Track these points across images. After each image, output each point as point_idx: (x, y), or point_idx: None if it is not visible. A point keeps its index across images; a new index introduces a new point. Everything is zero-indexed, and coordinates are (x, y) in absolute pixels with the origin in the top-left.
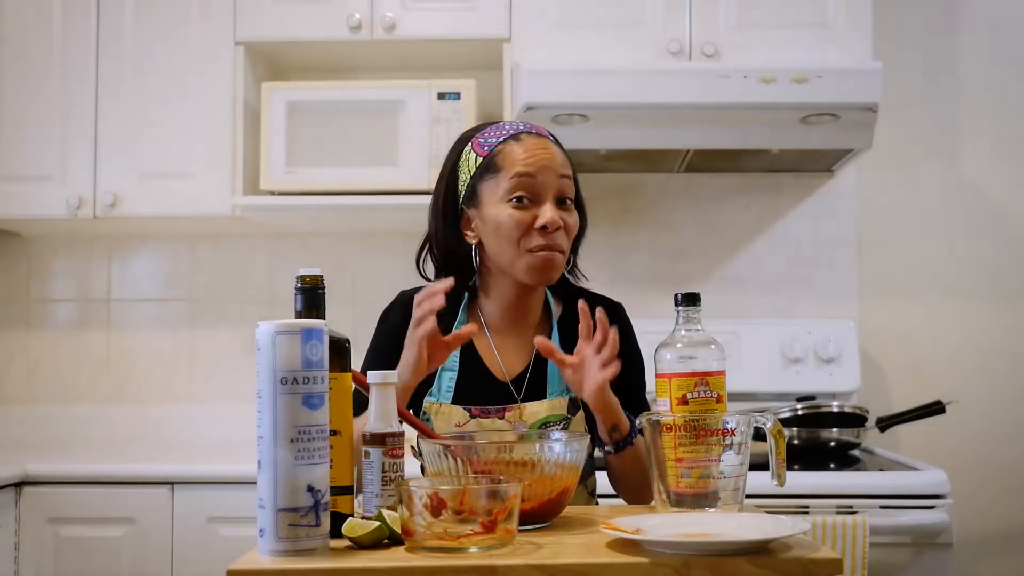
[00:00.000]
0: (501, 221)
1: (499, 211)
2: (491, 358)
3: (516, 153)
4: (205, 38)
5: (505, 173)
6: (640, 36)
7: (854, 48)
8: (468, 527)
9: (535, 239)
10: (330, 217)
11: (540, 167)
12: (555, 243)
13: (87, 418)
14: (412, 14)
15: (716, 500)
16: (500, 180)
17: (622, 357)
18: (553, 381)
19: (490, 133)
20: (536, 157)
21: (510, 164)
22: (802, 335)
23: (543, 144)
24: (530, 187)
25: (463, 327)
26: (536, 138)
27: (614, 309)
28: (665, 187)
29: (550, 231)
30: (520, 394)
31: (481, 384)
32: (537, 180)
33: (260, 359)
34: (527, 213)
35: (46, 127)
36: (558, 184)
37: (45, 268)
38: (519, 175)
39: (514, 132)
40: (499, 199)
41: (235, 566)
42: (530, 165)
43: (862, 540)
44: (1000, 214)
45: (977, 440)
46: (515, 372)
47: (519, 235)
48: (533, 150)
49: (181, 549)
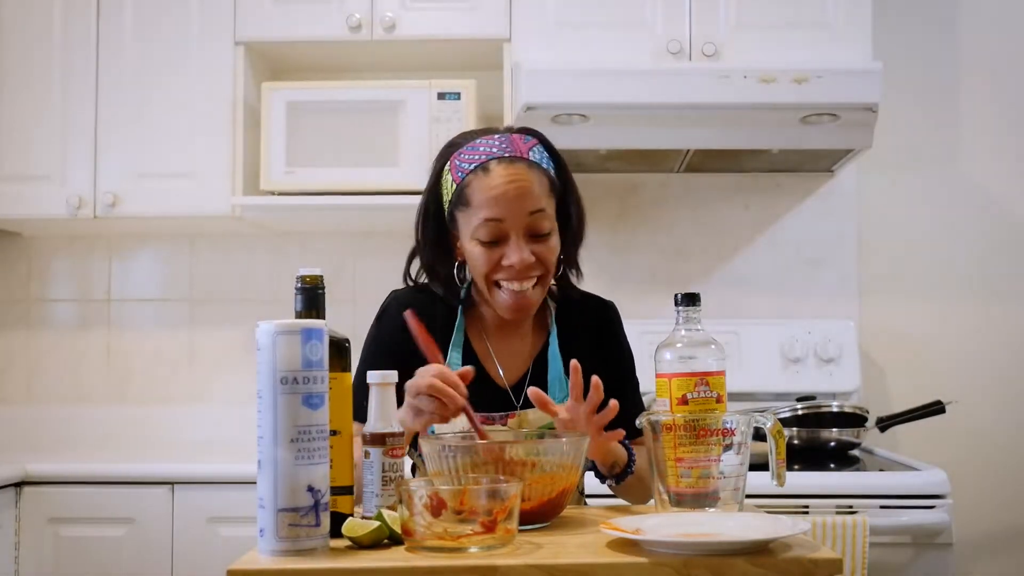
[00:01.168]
0: (472, 257)
1: (471, 247)
2: (491, 364)
3: (484, 188)
4: (205, 38)
5: (474, 210)
6: (640, 36)
7: (854, 48)
8: (468, 527)
9: (504, 274)
10: (330, 217)
11: (507, 209)
12: (525, 276)
13: (87, 418)
14: (412, 14)
15: (716, 500)
16: (470, 216)
17: (612, 358)
18: (553, 388)
19: (465, 155)
20: (504, 194)
21: (478, 202)
22: (802, 335)
23: (514, 175)
24: (496, 230)
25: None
26: (507, 166)
27: (605, 308)
28: (665, 187)
29: (518, 269)
30: (519, 401)
31: (482, 390)
32: (504, 223)
33: (260, 359)
34: (495, 252)
35: (46, 127)
36: (527, 221)
37: (45, 268)
38: (485, 219)
39: (485, 159)
40: (471, 235)
41: (235, 566)
42: (496, 206)
43: (862, 540)
44: (1000, 214)
45: (977, 440)
46: (515, 378)
47: (487, 271)
48: (501, 186)
49: (181, 549)
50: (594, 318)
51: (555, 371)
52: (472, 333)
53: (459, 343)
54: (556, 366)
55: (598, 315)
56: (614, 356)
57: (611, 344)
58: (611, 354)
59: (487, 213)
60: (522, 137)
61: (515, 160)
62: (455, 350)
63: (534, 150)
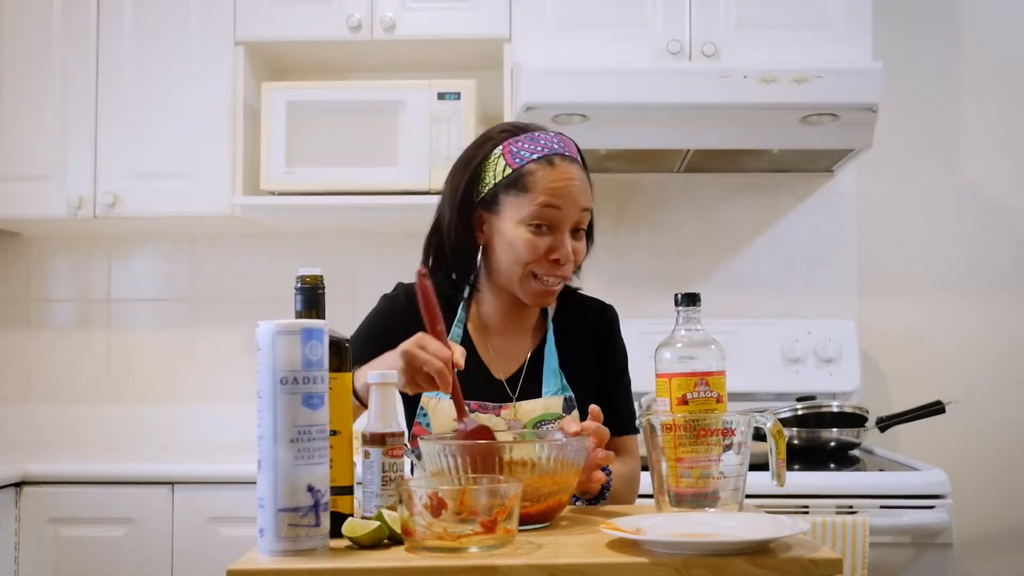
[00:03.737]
0: (516, 243)
1: (516, 232)
2: (488, 356)
3: (547, 179)
4: (205, 38)
5: (532, 197)
6: (640, 36)
7: (854, 48)
8: (468, 527)
9: (544, 267)
10: (330, 217)
11: (567, 200)
12: (564, 274)
13: (87, 418)
14: (412, 14)
15: (716, 500)
16: (525, 202)
17: (608, 360)
18: (548, 381)
19: (524, 144)
20: (567, 187)
21: (539, 190)
22: (802, 335)
23: (573, 173)
24: (553, 218)
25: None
26: (568, 165)
27: (604, 311)
28: (665, 187)
29: (562, 263)
30: (515, 392)
31: (478, 381)
32: (561, 213)
33: (260, 359)
34: (543, 240)
35: (46, 127)
36: (578, 216)
37: (45, 268)
38: (545, 204)
39: (549, 153)
40: (520, 220)
41: (235, 566)
42: (558, 196)
43: (862, 540)
44: (1000, 214)
45: (977, 440)
46: (511, 371)
47: (530, 260)
48: (563, 180)
49: (181, 549)
50: (592, 319)
51: (551, 366)
52: (472, 327)
53: (457, 337)
54: (552, 361)
55: (596, 317)
56: (610, 358)
57: (607, 346)
58: (607, 356)
59: (549, 200)
60: (570, 140)
61: (574, 161)
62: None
63: (580, 157)
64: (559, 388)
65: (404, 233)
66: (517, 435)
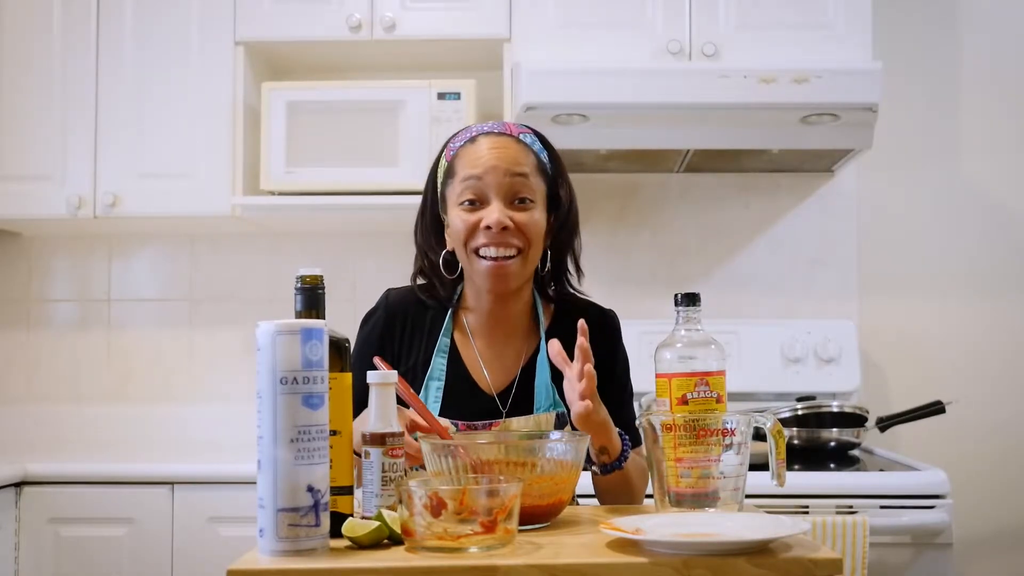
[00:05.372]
0: (454, 224)
1: (454, 215)
2: (477, 369)
3: (469, 156)
4: (205, 38)
5: (458, 176)
6: (640, 36)
7: (854, 48)
8: (468, 527)
9: (481, 239)
10: (330, 217)
11: (487, 167)
12: (504, 242)
13: (87, 418)
14: (412, 14)
15: (716, 500)
16: (455, 184)
17: (608, 366)
18: (540, 396)
19: (459, 136)
20: (484, 158)
21: (462, 167)
22: (802, 335)
23: (498, 143)
24: (477, 189)
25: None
26: (493, 138)
27: (604, 317)
28: (665, 187)
29: (494, 231)
30: (505, 408)
31: (467, 396)
32: (483, 181)
33: (260, 359)
34: (474, 215)
35: (46, 127)
36: (508, 183)
37: (45, 268)
38: (466, 178)
39: (473, 135)
40: (454, 203)
41: (235, 566)
42: (477, 166)
43: (862, 540)
44: (1000, 214)
45: (977, 440)
46: (501, 385)
47: (466, 237)
48: (484, 151)
49: (181, 549)
50: (593, 325)
51: (542, 379)
52: (460, 339)
53: (445, 348)
54: (544, 374)
55: (596, 322)
56: (610, 364)
57: (608, 352)
58: (607, 362)
59: (468, 171)
60: (517, 124)
61: (503, 135)
62: (440, 355)
63: (525, 135)
64: (551, 404)
65: (404, 233)
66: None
